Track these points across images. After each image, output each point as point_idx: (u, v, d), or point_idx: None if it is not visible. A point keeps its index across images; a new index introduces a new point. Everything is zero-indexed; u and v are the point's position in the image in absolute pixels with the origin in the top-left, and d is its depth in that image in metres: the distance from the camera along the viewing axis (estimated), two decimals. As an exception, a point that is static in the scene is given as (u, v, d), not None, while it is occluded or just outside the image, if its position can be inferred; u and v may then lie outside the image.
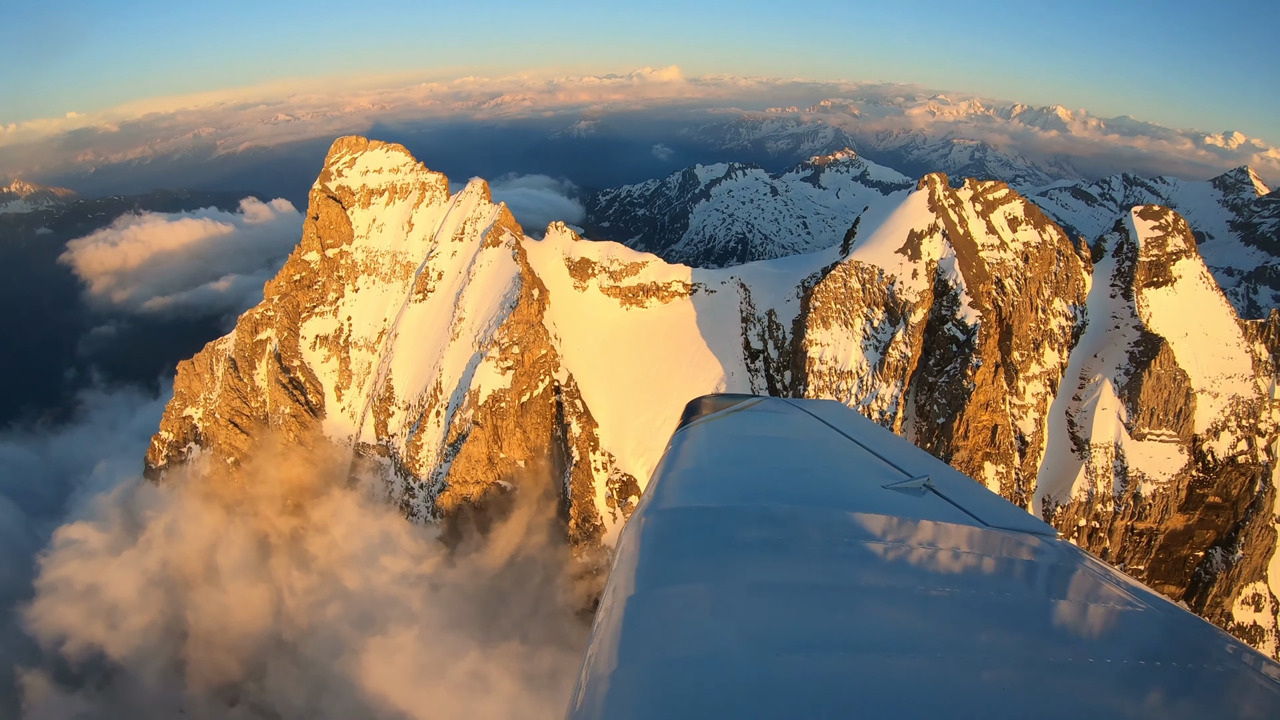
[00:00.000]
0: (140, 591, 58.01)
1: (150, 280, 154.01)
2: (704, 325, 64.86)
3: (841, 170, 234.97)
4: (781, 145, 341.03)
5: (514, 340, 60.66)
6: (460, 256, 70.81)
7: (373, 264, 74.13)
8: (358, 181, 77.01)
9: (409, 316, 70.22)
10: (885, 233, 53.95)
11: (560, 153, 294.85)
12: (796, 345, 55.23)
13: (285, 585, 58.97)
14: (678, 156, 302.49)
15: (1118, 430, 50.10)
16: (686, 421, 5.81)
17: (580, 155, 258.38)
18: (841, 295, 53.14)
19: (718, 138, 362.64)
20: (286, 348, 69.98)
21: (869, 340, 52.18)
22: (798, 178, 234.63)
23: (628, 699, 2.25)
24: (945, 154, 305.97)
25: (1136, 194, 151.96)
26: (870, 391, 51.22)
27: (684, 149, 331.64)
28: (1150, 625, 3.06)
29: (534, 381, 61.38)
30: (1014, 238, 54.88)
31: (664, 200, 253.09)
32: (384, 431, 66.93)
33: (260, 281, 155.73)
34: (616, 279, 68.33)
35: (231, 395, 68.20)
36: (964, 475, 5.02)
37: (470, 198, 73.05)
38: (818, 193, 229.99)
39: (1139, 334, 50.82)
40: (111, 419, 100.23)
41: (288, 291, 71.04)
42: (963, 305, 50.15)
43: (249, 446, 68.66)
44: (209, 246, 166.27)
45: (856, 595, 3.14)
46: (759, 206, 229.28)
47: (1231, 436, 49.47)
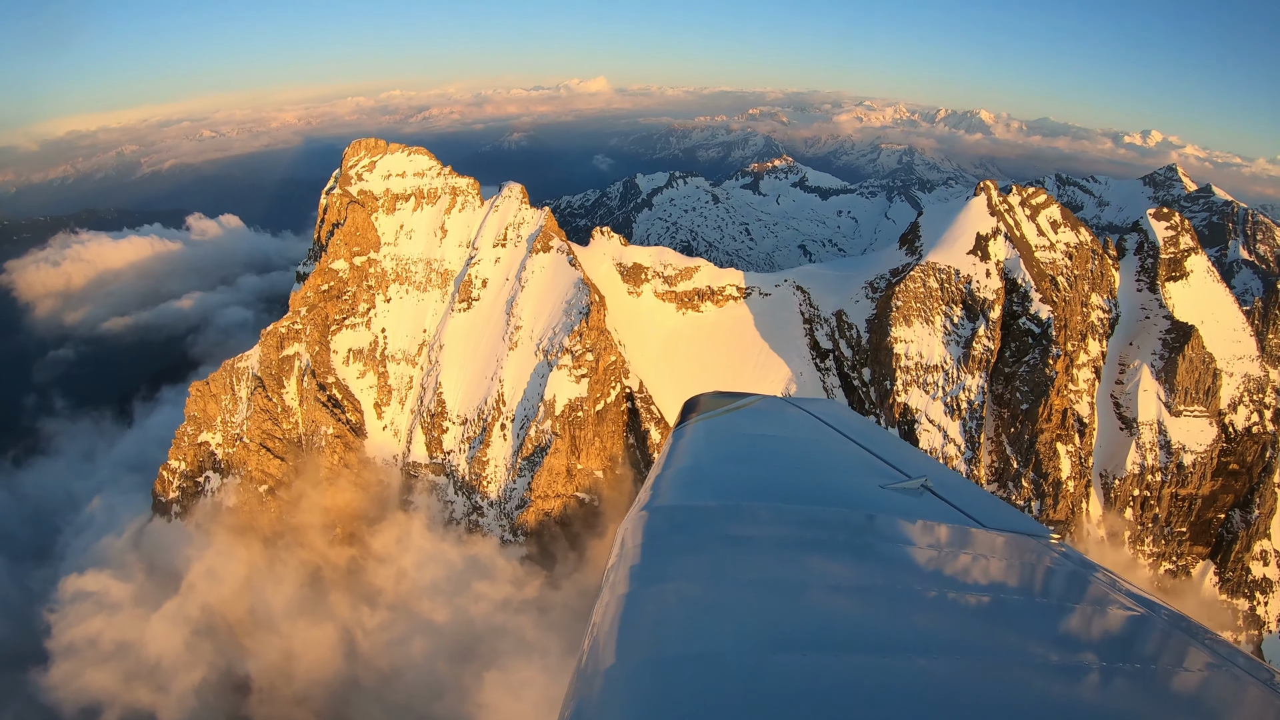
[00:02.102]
0: (186, 645, 52.12)
1: (100, 300, 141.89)
2: (763, 327, 66.84)
3: (780, 177, 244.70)
4: (712, 153, 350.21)
5: (587, 347, 60.06)
6: (505, 263, 69.02)
7: (404, 272, 70.70)
8: (380, 186, 73.28)
9: (453, 326, 67.65)
10: (953, 236, 58.12)
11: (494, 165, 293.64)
12: (879, 342, 58.31)
13: (353, 624, 54.78)
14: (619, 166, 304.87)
15: (1158, 409, 56.70)
16: (684, 419, 5.82)
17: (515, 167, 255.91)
18: (921, 294, 56.75)
19: (648, 147, 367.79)
20: (319, 363, 65.40)
21: (949, 336, 56.07)
22: (737, 185, 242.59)
23: (624, 696, 2.26)
24: (874, 159, 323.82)
25: (1070, 193, 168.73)
26: (957, 384, 55.03)
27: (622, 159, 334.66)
28: (1146, 627, 3.08)
29: (606, 389, 61.02)
30: (1057, 239, 60.77)
31: (605, 210, 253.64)
32: (438, 449, 64.07)
33: (226, 299, 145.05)
34: (671, 284, 69.07)
35: (262, 417, 62.89)
36: (961, 476, 5.07)
37: (509, 203, 71.35)
38: (758, 199, 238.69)
39: (1169, 323, 57.79)
40: (85, 449, 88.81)
41: (315, 303, 66.35)
42: (1034, 301, 54.96)
43: (283, 472, 63.47)
44: (158, 265, 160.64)
45: (853, 595, 3.17)
46: (702, 215, 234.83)
47: (1246, 410, 57.34)
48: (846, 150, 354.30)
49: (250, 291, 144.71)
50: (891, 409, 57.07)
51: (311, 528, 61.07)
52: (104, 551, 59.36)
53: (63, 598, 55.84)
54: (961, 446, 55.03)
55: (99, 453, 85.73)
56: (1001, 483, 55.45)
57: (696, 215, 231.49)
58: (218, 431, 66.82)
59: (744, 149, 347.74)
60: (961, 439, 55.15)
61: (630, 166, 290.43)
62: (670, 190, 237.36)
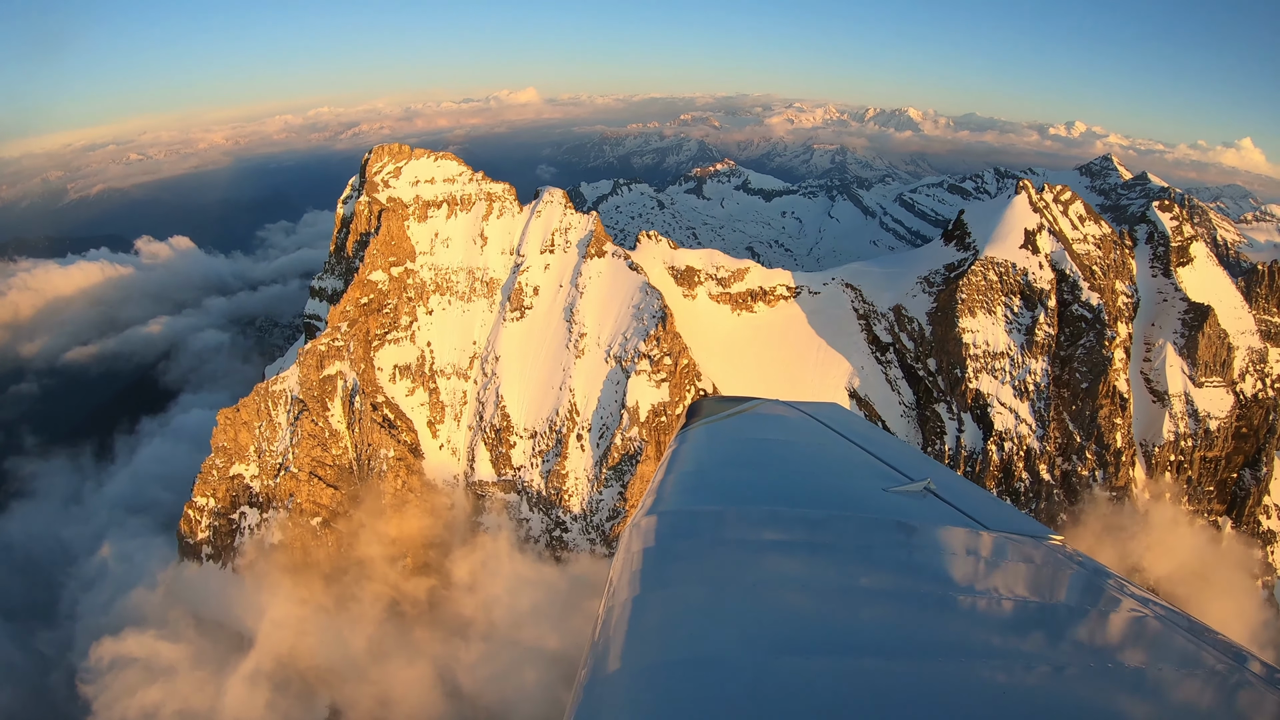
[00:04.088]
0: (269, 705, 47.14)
1: (55, 330, 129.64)
2: (817, 325, 69.11)
3: (723, 180, 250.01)
4: (647, 160, 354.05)
5: (665, 351, 59.99)
6: (556, 270, 67.81)
7: (445, 282, 67.99)
8: (409, 193, 70.17)
9: (508, 337, 65.73)
10: (1003, 232, 62.67)
11: None
12: (945, 334, 61.74)
13: (448, 660, 51.57)
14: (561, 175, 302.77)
15: (1184, 382, 63.38)
16: (687, 424, 5.97)
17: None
18: (983, 287, 60.74)
19: (582, 156, 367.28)
20: (366, 382, 61.48)
21: (1011, 324, 60.33)
22: (681, 190, 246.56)
23: (628, 701, 2.31)
24: (807, 160, 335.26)
25: (1009, 185, 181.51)
26: (1023, 368, 59.21)
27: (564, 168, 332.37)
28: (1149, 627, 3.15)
29: (682, 392, 61.11)
30: (1085, 232, 66.65)
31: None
32: (506, 465, 61.93)
33: (196, 323, 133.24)
34: (725, 285, 70.15)
35: (310, 443, 58.34)
36: (964, 479, 5.31)
37: (552, 208, 70.20)
38: (703, 204, 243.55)
39: (1185, 304, 64.80)
40: (68, 490, 78.20)
41: (356, 318, 62.42)
42: (1083, 289, 60.07)
43: (336, 501, 59.11)
44: (110, 290, 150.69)
45: (857, 598, 3.24)
46: (648, 220, 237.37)
47: (1252, 379, 65.06)
48: (780, 152, 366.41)
49: (220, 314, 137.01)
50: (964, 395, 60.51)
51: (378, 560, 57.07)
52: (137, 607, 52.94)
53: (98, 666, 49.22)
54: (1033, 425, 59.17)
55: (86, 494, 75.95)
56: (1066, 455, 60.07)
57: (643, 221, 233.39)
58: (251, 462, 61.43)
59: (678, 154, 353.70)
60: (1032, 418, 59.29)
61: (571, 175, 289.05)
62: (615, 198, 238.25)
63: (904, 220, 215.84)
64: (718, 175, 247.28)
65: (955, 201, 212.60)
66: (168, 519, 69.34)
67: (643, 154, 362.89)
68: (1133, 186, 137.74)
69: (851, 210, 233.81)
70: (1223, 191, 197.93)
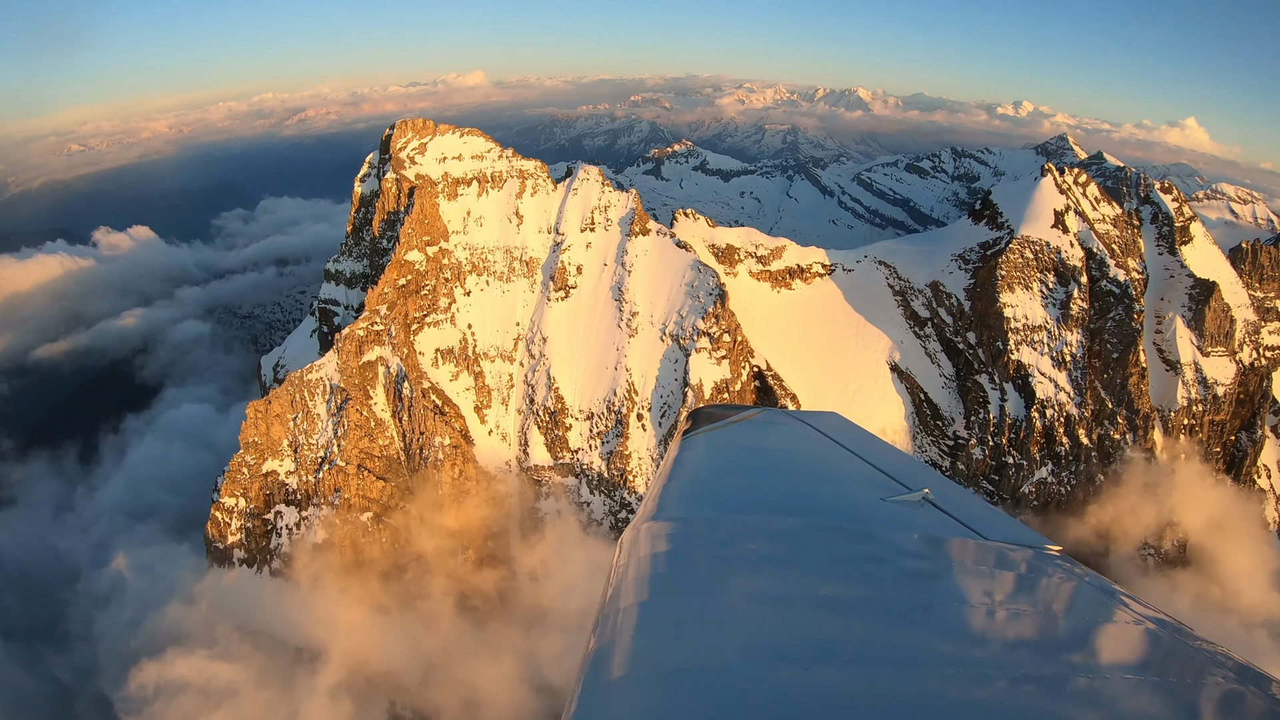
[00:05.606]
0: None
1: (16, 327, 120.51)
2: (854, 301, 71.07)
3: (681, 161, 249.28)
4: (598, 142, 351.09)
5: (724, 329, 60.30)
6: (599, 248, 67.03)
7: (481, 262, 66.08)
8: (437, 170, 67.77)
9: (553, 317, 64.65)
10: (1034, 213, 66.30)
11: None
12: (985, 308, 64.74)
13: (531, 654, 50.18)
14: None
15: (1193, 352, 68.79)
16: (685, 432, 6.04)
17: None
18: (1020, 264, 63.98)
19: (533, 139, 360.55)
20: (410, 367, 59.05)
21: (1046, 299, 63.77)
22: (639, 171, 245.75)
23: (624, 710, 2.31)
24: (759, 140, 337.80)
25: (966, 165, 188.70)
26: (1059, 340, 62.82)
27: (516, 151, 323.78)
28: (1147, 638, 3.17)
29: (738, 369, 61.67)
30: (1103, 213, 71.05)
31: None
32: (563, 449, 60.97)
33: (172, 314, 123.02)
34: (765, 263, 71.03)
35: (358, 434, 55.47)
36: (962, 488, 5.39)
37: (589, 185, 69.26)
38: (661, 185, 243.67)
39: (1192, 280, 70.21)
40: (55, 496, 70.55)
41: (395, 300, 59.78)
42: (1110, 266, 64.11)
43: (387, 494, 56.54)
44: (71, 284, 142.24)
45: (854, 608, 3.26)
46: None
47: (1249, 348, 71.17)
48: (731, 133, 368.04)
49: (196, 304, 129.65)
50: (1006, 366, 63.62)
51: (439, 553, 54.86)
52: (176, 624, 48.77)
53: (141, 694, 44.96)
54: (1071, 394, 62.80)
55: (78, 500, 68.91)
56: (1098, 421, 64.06)
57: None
58: (286, 458, 57.79)
59: (630, 136, 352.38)
60: (1070, 387, 63.00)
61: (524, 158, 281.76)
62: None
63: (862, 199, 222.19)
64: (675, 156, 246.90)
65: (913, 180, 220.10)
66: (179, 523, 64.58)
67: (594, 136, 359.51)
68: (1089, 166, 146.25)
69: (810, 190, 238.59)
70: (1169, 170, 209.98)
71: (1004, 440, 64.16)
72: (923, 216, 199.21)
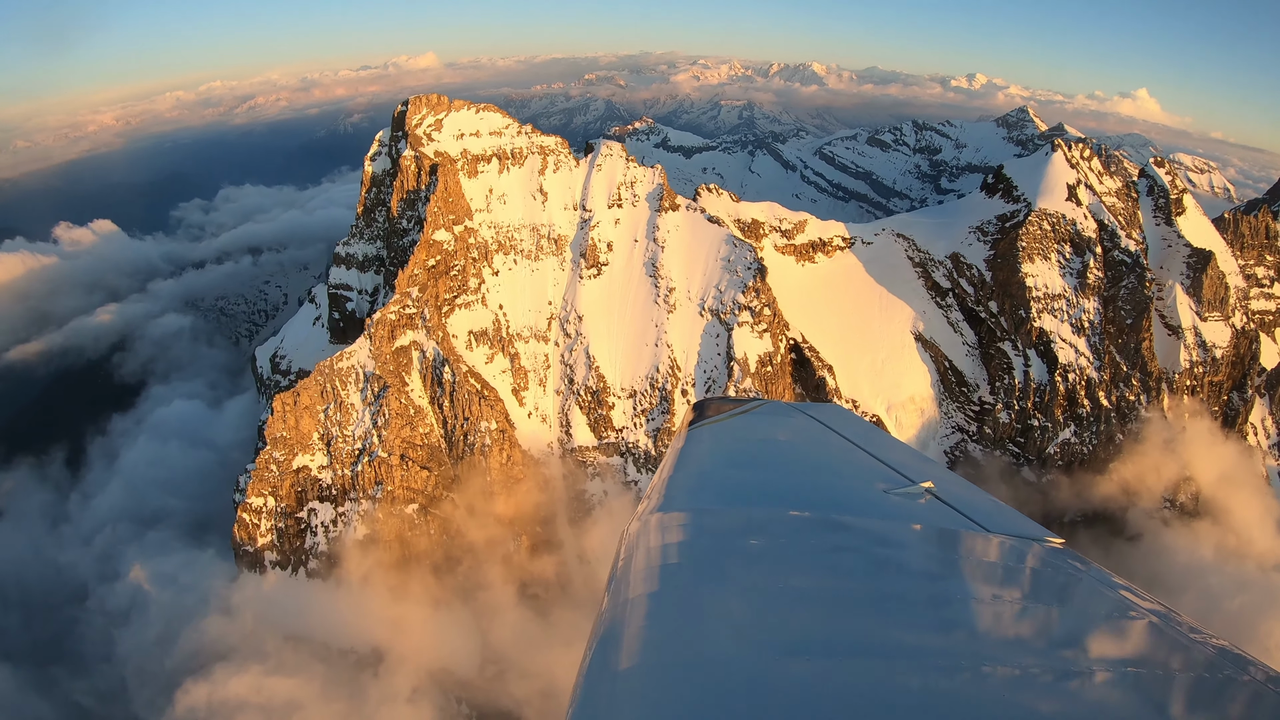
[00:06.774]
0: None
1: None
2: (875, 273, 72.71)
3: (642, 139, 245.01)
4: (554, 121, 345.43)
5: (764, 303, 60.79)
6: (628, 224, 66.54)
7: (508, 240, 64.77)
8: (455, 147, 66.00)
9: (587, 295, 64.08)
10: (1048, 187, 69.06)
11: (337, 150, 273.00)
12: (1006, 278, 67.25)
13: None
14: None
15: (1192, 317, 73.09)
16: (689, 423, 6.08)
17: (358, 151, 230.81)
18: (1039, 236, 66.57)
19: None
20: (447, 351, 57.41)
21: (1064, 269, 66.57)
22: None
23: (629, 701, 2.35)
24: (715, 116, 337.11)
25: (928, 138, 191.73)
26: (1078, 308, 65.72)
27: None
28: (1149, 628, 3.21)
29: (777, 342, 62.33)
30: (1107, 186, 74.34)
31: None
32: (607, 428, 60.60)
33: (149, 308, 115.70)
34: (789, 237, 71.71)
35: (399, 423, 53.63)
36: (965, 481, 5.41)
37: (613, 161, 68.54)
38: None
39: (1189, 250, 74.33)
40: (46, 505, 64.59)
41: (426, 282, 57.95)
42: (1121, 237, 67.29)
43: (431, 484, 54.94)
44: (34, 283, 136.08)
45: (858, 600, 3.29)
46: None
47: (1240, 313, 75.93)
48: (687, 109, 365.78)
49: (172, 297, 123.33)
50: (1029, 333, 66.20)
51: (491, 543, 53.51)
52: (219, 639, 45.71)
53: (192, 717, 41.89)
54: (1090, 358, 65.80)
55: (74, 509, 63.70)
56: (1115, 383, 67.32)
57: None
58: (319, 452, 55.30)
59: (586, 114, 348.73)
60: (1089, 352, 66.05)
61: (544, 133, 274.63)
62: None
63: (825, 173, 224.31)
64: (637, 134, 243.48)
65: (874, 154, 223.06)
66: (192, 527, 60.97)
67: (550, 115, 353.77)
68: (1049, 137, 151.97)
69: (772, 164, 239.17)
70: (1124, 140, 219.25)
71: (1029, 404, 66.82)
72: (886, 190, 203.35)
